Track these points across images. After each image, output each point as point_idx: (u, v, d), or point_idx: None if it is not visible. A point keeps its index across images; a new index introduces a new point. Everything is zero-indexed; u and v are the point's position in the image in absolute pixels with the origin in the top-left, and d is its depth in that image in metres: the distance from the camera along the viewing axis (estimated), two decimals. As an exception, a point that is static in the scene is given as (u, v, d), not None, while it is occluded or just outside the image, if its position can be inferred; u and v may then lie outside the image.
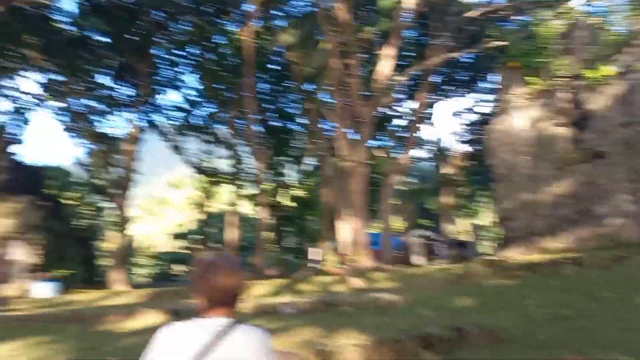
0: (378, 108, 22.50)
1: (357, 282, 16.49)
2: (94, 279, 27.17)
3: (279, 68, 30.01)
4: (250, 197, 36.14)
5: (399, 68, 23.21)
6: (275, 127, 32.92)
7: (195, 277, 2.03)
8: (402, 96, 28.23)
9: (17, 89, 26.82)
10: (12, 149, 25.49)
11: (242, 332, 1.96)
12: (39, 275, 19.51)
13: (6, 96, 26.44)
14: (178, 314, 11.65)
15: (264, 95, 30.69)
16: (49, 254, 21.49)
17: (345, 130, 22.00)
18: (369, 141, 22.89)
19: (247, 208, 40.83)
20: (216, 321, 1.97)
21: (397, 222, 38.05)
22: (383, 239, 22.78)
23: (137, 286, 26.47)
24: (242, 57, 25.90)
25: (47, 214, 22.05)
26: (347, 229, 22.11)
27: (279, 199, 36.80)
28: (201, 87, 30.79)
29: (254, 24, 24.92)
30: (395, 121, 31.18)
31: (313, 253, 30.71)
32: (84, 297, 18.18)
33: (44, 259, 20.77)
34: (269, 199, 30.71)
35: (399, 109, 30.35)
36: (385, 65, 21.57)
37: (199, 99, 31.75)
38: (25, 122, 26.74)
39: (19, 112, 26.14)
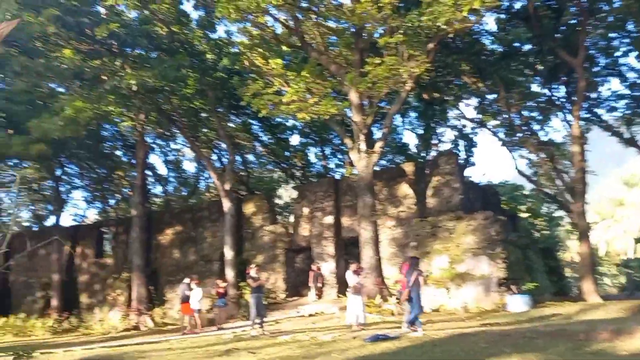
0: None
1: None
2: (562, 291, 26.26)
3: None
4: None
5: None
6: None
7: None
8: None
9: (462, 117, 29.46)
10: (465, 171, 27.76)
11: None
12: (510, 288, 19.89)
13: (454, 126, 29.39)
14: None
15: None
16: (513, 267, 21.82)
17: None
18: None
19: None
20: None
21: None
22: None
23: (606, 297, 24.12)
24: None
25: (504, 227, 22.60)
26: None
27: None
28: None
29: None
30: None
31: None
32: (559, 310, 17.42)
33: (509, 272, 21.17)
34: None
35: None
36: None
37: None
38: (473, 145, 28.93)
39: (466, 137, 28.52)
